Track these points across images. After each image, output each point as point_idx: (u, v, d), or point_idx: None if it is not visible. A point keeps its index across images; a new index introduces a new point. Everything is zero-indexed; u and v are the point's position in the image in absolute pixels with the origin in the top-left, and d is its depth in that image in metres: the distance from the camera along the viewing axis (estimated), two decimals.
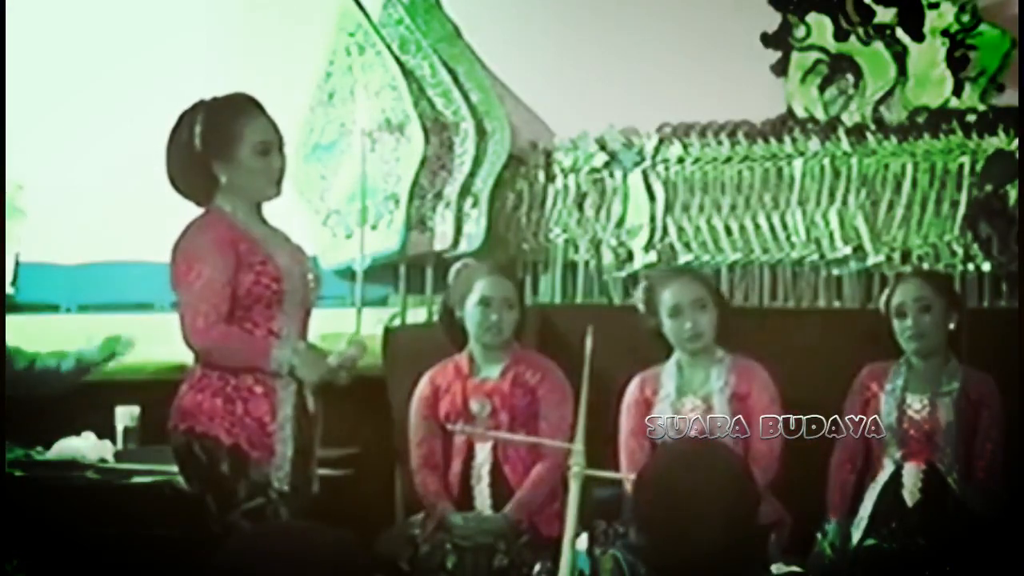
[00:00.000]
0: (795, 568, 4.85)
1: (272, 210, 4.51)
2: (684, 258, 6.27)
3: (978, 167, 6.08)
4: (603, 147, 6.46)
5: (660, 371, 5.34)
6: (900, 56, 6.29)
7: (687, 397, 5.27)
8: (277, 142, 4.40)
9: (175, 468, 4.58)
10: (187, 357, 4.48)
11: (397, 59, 6.48)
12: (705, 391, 5.27)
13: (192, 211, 4.44)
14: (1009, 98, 6.18)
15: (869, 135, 6.22)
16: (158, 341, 5.58)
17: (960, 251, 6.04)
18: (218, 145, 4.33)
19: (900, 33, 6.28)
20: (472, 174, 6.42)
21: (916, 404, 5.24)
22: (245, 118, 4.36)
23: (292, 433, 4.33)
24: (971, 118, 6.15)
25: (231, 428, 4.28)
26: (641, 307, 5.41)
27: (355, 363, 4.41)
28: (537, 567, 4.99)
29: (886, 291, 5.47)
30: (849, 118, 6.31)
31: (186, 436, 4.32)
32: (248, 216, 4.38)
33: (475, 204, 6.42)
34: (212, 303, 4.26)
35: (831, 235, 6.16)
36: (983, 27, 6.21)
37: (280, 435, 4.31)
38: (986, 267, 6.03)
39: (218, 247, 4.29)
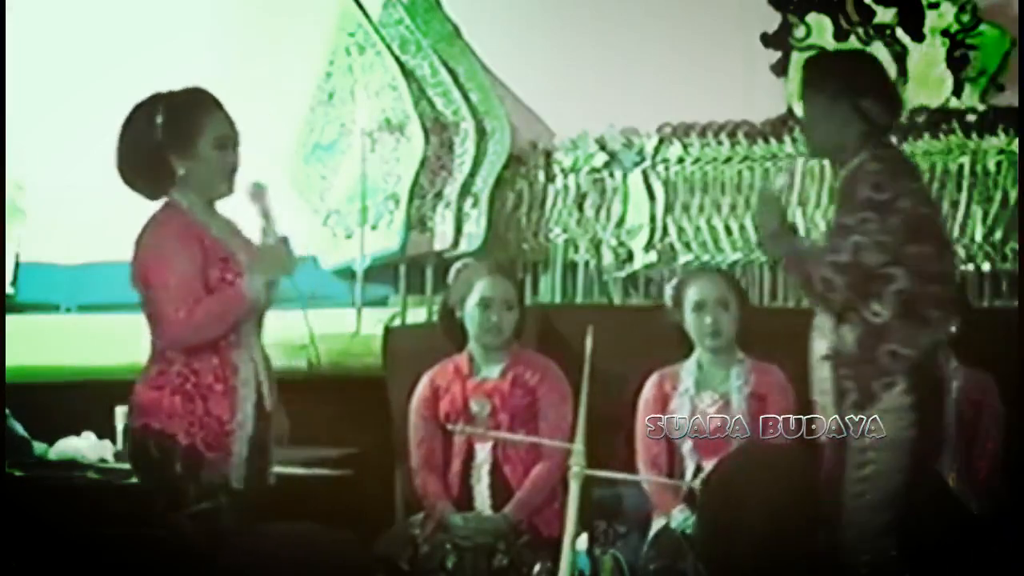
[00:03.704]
0: None
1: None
2: (684, 258, 6.27)
3: (978, 167, 6.09)
4: (603, 147, 6.46)
5: (680, 368, 5.34)
6: (900, 56, 6.29)
7: (706, 392, 5.27)
8: (234, 138, 4.36)
9: None
10: None
11: (397, 59, 6.49)
12: (724, 388, 5.27)
13: None
14: (1009, 98, 6.18)
15: None
16: None
17: (960, 251, 6.04)
18: (179, 136, 4.29)
19: (900, 33, 6.29)
20: (472, 174, 6.42)
21: None
22: (206, 111, 4.34)
23: (251, 432, 4.29)
24: (971, 118, 6.16)
25: (189, 428, 4.22)
26: (669, 302, 5.40)
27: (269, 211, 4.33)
28: (537, 567, 4.99)
29: None
30: None
31: (142, 433, 4.28)
32: (204, 213, 4.34)
33: (475, 204, 6.43)
34: (190, 295, 4.22)
35: None
36: (983, 27, 6.21)
37: (239, 434, 4.26)
38: (986, 267, 6.02)
39: (183, 241, 4.25)
